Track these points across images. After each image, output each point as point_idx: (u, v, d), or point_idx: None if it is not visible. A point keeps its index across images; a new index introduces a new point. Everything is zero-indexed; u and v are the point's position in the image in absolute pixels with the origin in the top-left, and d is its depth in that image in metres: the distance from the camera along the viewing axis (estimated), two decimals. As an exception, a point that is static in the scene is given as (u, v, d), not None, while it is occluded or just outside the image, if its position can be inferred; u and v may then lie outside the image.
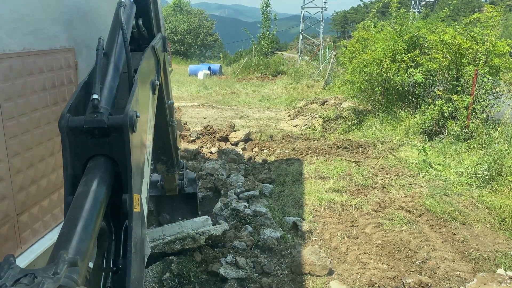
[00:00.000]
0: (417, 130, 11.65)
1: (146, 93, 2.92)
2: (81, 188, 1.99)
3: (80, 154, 2.20)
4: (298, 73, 25.50)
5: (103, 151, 2.19)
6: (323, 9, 37.39)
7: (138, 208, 2.28)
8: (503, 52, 11.04)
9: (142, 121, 2.58)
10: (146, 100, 2.89)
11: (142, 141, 2.53)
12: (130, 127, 2.14)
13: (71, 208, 1.89)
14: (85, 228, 1.76)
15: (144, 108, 2.76)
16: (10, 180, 3.89)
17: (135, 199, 2.19)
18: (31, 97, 4.10)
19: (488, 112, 10.74)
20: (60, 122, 2.16)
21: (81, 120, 2.15)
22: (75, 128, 2.16)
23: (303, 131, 13.24)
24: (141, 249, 2.36)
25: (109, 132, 2.15)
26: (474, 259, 5.88)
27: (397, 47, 13.30)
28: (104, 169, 2.14)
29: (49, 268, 1.33)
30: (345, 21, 75.92)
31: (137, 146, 2.31)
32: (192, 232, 5.66)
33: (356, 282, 5.34)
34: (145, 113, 2.74)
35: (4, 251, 3.87)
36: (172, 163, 5.90)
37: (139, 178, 2.35)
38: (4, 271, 1.33)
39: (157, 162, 5.90)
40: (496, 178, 7.94)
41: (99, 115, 2.15)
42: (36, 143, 4.22)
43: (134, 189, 2.19)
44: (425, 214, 7.14)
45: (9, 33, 3.79)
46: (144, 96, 2.79)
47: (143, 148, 2.57)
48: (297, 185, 8.38)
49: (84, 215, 1.82)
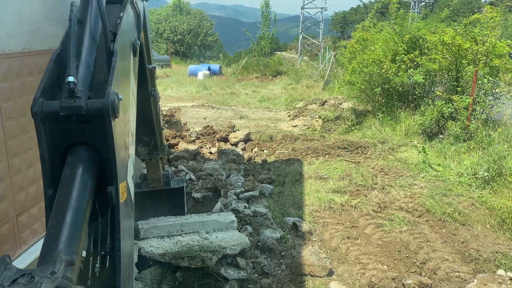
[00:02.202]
0: (417, 130, 11.64)
1: (127, 60, 2.66)
2: (65, 181, 1.88)
3: (58, 142, 2.01)
4: (297, 74, 25.49)
5: (84, 138, 2.00)
6: (323, 9, 37.41)
7: (125, 196, 2.16)
8: (503, 52, 11.04)
9: (124, 93, 2.40)
10: (127, 69, 2.64)
11: (125, 121, 2.34)
12: (112, 113, 1.92)
13: (57, 200, 1.81)
14: (75, 220, 1.71)
15: (125, 78, 2.53)
16: (9, 180, 3.88)
17: (121, 188, 2.07)
18: (30, 97, 4.09)
19: (488, 112, 10.74)
20: (32, 108, 1.94)
21: (57, 105, 1.93)
22: (50, 114, 1.94)
23: (303, 131, 13.23)
24: (130, 235, 2.25)
25: (88, 118, 1.93)
26: (474, 260, 5.88)
27: (397, 48, 13.31)
28: (86, 158, 1.97)
29: (46, 268, 1.33)
30: (345, 22, 75.98)
31: (120, 131, 2.13)
32: (206, 243, 5.12)
33: (356, 282, 5.33)
34: (126, 85, 2.51)
35: (3, 252, 3.86)
36: (155, 144, 5.20)
37: (124, 163, 2.18)
38: (0, 272, 1.32)
39: (138, 144, 5.17)
40: (496, 178, 7.94)
41: (76, 100, 1.91)
42: (36, 143, 4.20)
43: (120, 178, 2.05)
44: (425, 214, 7.14)
45: (9, 33, 3.79)
46: (125, 65, 2.56)
47: (127, 126, 2.38)
48: (297, 186, 8.37)
49: (72, 205, 1.75)
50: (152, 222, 5.44)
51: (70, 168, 1.93)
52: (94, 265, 1.97)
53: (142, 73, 4.26)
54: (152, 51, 4.79)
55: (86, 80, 2.09)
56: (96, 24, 2.42)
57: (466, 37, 11.46)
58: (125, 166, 2.21)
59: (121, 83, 2.29)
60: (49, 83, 2.06)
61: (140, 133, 5.04)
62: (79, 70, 2.08)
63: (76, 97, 1.92)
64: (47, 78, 2.07)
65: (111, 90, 1.96)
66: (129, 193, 2.27)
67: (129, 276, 2.13)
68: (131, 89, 2.65)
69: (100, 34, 2.39)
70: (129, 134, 2.42)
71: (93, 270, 1.96)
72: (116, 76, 2.12)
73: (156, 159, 5.41)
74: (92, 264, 1.97)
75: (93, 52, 2.27)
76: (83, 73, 2.10)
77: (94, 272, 1.95)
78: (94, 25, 2.41)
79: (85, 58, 2.19)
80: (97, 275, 1.95)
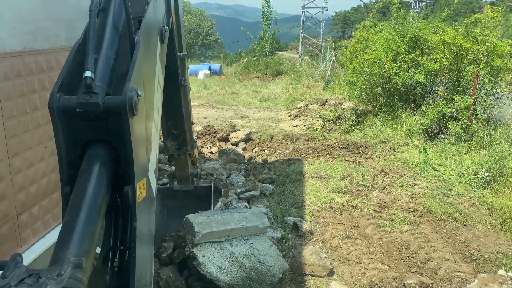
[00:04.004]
0: (417, 130, 11.64)
1: (153, 49, 2.53)
2: (81, 177, 1.83)
3: (75, 139, 1.94)
4: (298, 73, 25.50)
5: (101, 136, 1.93)
6: (324, 9, 37.44)
7: (145, 193, 2.09)
8: (504, 52, 11.03)
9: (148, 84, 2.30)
10: (153, 58, 2.51)
11: (148, 114, 2.24)
12: (130, 111, 1.84)
13: (72, 196, 1.78)
14: (89, 216, 1.68)
15: (150, 68, 2.41)
16: (10, 180, 3.88)
17: (139, 187, 2.00)
18: (31, 97, 4.09)
19: (489, 112, 10.73)
20: (49, 103, 1.87)
21: (74, 101, 1.85)
22: (67, 110, 1.86)
23: (304, 131, 13.23)
24: (149, 232, 2.19)
25: (105, 116, 1.86)
26: (475, 260, 5.87)
27: (398, 48, 13.30)
28: (104, 154, 1.91)
29: (54, 269, 1.32)
30: (346, 22, 75.93)
31: (139, 129, 2.04)
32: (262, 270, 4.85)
33: (357, 282, 5.33)
34: (150, 75, 2.39)
35: (4, 251, 3.86)
36: (184, 139, 4.94)
37: (143, 161, 2.11)
38: (10, 270, 1.32)
39: (167, 138, 4.97)
40: (497, 179, 7.93)
41: (93, 96, 1.84)
42: (37, 142, 4.21)
43: (138, 178, 1.98)
44: (426, 214, 7.13)
45: (9, 32, 3.79)
46: (150, 54, 2.44)
47: (149, 120, 2.27)
48: (298, 186, 8.37)
49: (87, 201, 1.72)
50: (205, 222, 5.09)
51: (87, 164, 1.88)
52: (114, 260, 1.93)
53: (172, 61, 4.05)
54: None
55: (105, 74, 2.00)
56: (119, 12, 2.30)
57: (467, 37, 11.45)
58: (144, 164, 2.14)
59: (144, 74, 2.20)
60: (68, 77, 1.98)
61: (169, 126, 4.81)
62: (98, 64, 1.99)
63: (93, 93, 1.85)
64: (65, 71, 1.99)
65: (130, 86, 1.87)
66: (150, 188, 2.21)
67: (146, 276, 2.08)
68: (157, 79, 2.54)
69: (123, 23, 2.27)
70: (152, 127, 2.33)
71: (112, 265, 1.92)
72: (137, 70, 2.02)
73: (185, 156, 5.17)
74: (112, 259, 1.93)
75: (114, 44, 2.16)
76: (102, 67, 2.01)
77: (113, 266, 1.92)
78: (118, 13, 2.29)
79: (106, 51, 2.09)
80: (115, 269, 1.92)
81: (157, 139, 2.47)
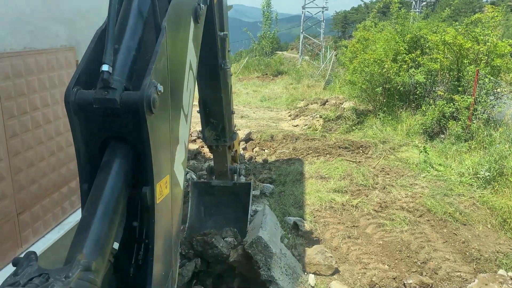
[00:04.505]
0: (418, 130, 11.63)
1: (184, 31, 2.32)
2: (100, 173, 1.77)
3: (93, 135, 1.84)
4: (298, 73, 25.47)
5: (119, 133, 1.82)
6: (324, 9, 37.42)
7: (167, 191, 1.98)
8: (505, 52, 11.03)
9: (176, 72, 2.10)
10: (183, 41, 2.30)
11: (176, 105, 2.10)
12: (147, 108, 1.70)
13: (91, 192, 1.73)
14: (106, 213, 1.64)
15: (179, 53, 2.22)
16: (10, 179, 3.88)
17: (159, 188, 1.88)
18: (31, 97, 4.10)
19: (489, 112, 10.72)
20: (65, 97, 1.77)
21: (91, 96, 1.74)
22: (84, 106, 1.75)
23: (304, 131, 13.22)
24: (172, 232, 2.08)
25: (123, 112, 1.74)
26: (475, 259, 5.87)
27: (398, 47, 13.29)
28: (124, 151, 1.82)
29: (63, 270, 1.32)
30: (346, 21, 75.92)
31: (160, 126, 1.90)
32: None
33: (357, 282, 5.33)
34: (179, 61, 2.21)
35: (4, 250, 3.87)
36: (223, 129, 4.58)
37: (164, 160, 1.98)
38: (22, 268, 1.32)
39: (205, 127, 4.60)
40: (497, 178, 7.93)
41: (110, 91, 1.72)
42: (37, 142, 4.21)
43: (157, 178, 1.86)
44: (426, 214, 7.13)
45: (10, 32, 3.79)
46: (180, 38, 2.24)
47: (176, 111, 2.11)
48: (298, 185, 8.37)
49: (105, 198, 1.68)
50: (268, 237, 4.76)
51: (106, 161, 1.81)
52: (138, 253, 1.87)
53: (211, 42, 3.71)
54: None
55: (125, 67, 1.85)
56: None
57: (468, 36, 11.45)
58: (167, 161, 2.03)
59: (173, 59, 2.03)
60: (87, 68, 1.84)
61: (207, 114, 4.43)
62: (118, 56, 1.85)
63: (110, 88, 1.73)
64: (84, 63, 1.86)
65: (149, 81, 1.73)
66: (177, 182, 2.13)
67: (167, 276, 2.03)
68: (188, 64, 2.35)
69: (149, 8, 2.07)
70: (180, 117, 2.20)
71: (136, 258, 1.87)
72: (159, 62, 1.86)
73: (224, 148, 4.83)
74: (136, 252, 1.88)
75: (137, 32, 1.98)
76: (122, 59, 1.86)
77: (138, 259, 1.87)
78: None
79: (127, 40, 1.93)
80: (139, 263, 1.87)
81: (186, 128, 2.35)
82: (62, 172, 4.67)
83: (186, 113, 2.34)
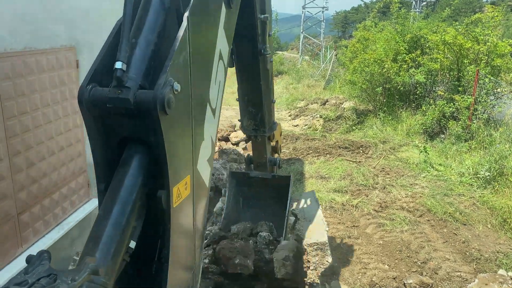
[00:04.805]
0: (418, 130, 11.63)
1: (212, 18, 2.13)
2: (117, 176, 1.70)
3: (109, 135, 1.76)
4: (299, 73, 25.48)
5: (135, 133, 1.73)
6: (324, 9, 37.42)
7: (187, 192, 1.87)
8: (505, 52, 11.04)
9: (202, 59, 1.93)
10: (212, 29, 2.12)
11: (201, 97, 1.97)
12: (161, 110, 1.58)
13: (108, 191, 1.68)
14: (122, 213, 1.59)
15: (208, 41, 2.05)
16: (11, 179, 3.89)
17: (176, 192, 1.78)
18: (32, 96, 4.10)
19: (489, 112, 10.73)
20: (78, 95, 1.67)
21: (105, 94, 1.65)
22: (98, 104, 1.66)
23: (304, 131, 13.23)
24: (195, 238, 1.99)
25: (136, 113, 1.64)
26: (475, 259, 5.87)
27: (398, 47, 13.30)
28: (142, 153, 1.73)
29: (72, 273, 1.30)
30: (346, 21, 75.92)
31: (176, 126, 1.76)
32: None
33: (357, 282, 5.33)
34: (209, 48, 2.05)
35: (4, 250, 3.87)
36: (262, 118, 4.31)
37: (181, 162, 1.87)
38: (33, 267, 1.30)
39: (244, 116, 4.35)
40: (497, 178, 7.93)
41: (124, 90, 1.62)
42: (37, 142, 4.21)
43: (174, 181, 1.76)
44: (426, 214, 7.13)
45: (10, 32, 3.79)
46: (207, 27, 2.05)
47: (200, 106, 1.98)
48: (298, 185, 8.37)
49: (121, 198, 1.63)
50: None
51: (124, 162, 1.73)
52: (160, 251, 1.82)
53: (250, 25, 3.47)
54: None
55: (142, 63, 1.73)
56: None
57: (468, 36, 11.45)
58: (186, 163, 1.91)
59: (198, 49, 1.88)
60: (103, 65, 1.72)
61: (246, 102, 4.18)
62: (135, 51, 1.73)
63: (124, 87, 1.62)
64: (101, 57, 1.74)
65: (164, 79, 1.60)
66: (201, 182, 2.04)
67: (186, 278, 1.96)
68: (218, 52, 2.18)
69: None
70: (206, 111, 2.07)
71: (159, 256, 1.82)
72: (178, 57, 1.70)
73: (263, 139, 4.58)
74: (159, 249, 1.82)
75: (157, 24, 1.83)
76: (138, 55, 1.74)
77: (161, 257, 1.82)
78: None
79: (146, 34, 1.79)
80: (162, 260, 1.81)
81: (214, 123, 2.22)
82: (62, 172, 4.67)
83: (214, 107, 2.19)
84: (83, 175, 5.11)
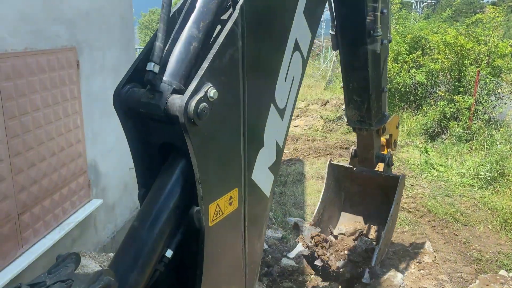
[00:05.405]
0: (419, 131, 11.63)
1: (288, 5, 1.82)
2: (156, 184, 1.60)
3: (147, 140, 1.62)
4: (299, 74, 25.46)
5: (171, 140, 1.57)
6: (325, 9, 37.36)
7: (232, 208, 1.68)
8: (506, 53, 11.04)
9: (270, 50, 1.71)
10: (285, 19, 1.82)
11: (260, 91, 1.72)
12: (188, 122, 1.37)
13: (147, 199, 1.58)
14: (156, 223, 1.50)
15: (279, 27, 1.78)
16: (11, 180, 3.89)
17: (213, 209, 1.59)
18: (32, 97, 4.10)
19: (490, 113, 10.72)
20: (113, 96, 1.53)
21: (139, 98, 1.49)
22: (133, 107, 1.51)
23: (305, 131, 13.22)
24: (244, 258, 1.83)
25: (167, 120, 1.45)
26: (476, 260, 5.86)
27: (399, 48, 13.30)
28: (184, 161, 1.58)
29: (88, 281, 1.24)
30: (347, 22, 75.83)
31: (214, 136, 1.52)
32: None
33: (358, 283, 5.32)
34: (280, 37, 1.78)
35: (5, 251, 3.87)
36: (368, 110, 3.76)
37: (221, 176, 1.64)
38: (56, 268, 1.27)
39: (348, 105, 3.86)
40: (498, 179, 7.92)
41: (156, 95, 1.44)
42: (38, 142, 4.21)
43: (211, 198, 1.57)
44: (427, 215, 7.12)
45: (11, 32, 3.79)
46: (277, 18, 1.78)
47: (263, 111, 1.76)
48: (299, 186, 8.36)
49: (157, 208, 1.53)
50: None
51: (166, 166, 1.62)
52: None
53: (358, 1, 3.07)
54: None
55: (180, 64, 1.50)
56: None
57: (469, 37, 11.45)
58: (231, 176, 1.69)
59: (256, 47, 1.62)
60: (144, 62, 1.50)
61: (351, 90, 3.74)
62: (174, 49, 1.51)
63: (156, 91, 1.45)
64: (143, 54, 1.55)
65: (195, 86, 1.38)
66: (257, 194, 1.84)
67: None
68: (292, 43, 1.88)
69: None
70: (269, 111, 1.81)
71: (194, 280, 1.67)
72: (221, 57, 1.46)
73: (369, 132, 4.11)
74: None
75: (206, 16, 1.57)
76: (179, 53, 1.51)
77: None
78: None
79: (189, 28, 1.53)
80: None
81: (282, 125, 1.95)
82: (62, 173, 4.66)
83: (282, 107, 1.90)
84: (84, 175, 5.11)
